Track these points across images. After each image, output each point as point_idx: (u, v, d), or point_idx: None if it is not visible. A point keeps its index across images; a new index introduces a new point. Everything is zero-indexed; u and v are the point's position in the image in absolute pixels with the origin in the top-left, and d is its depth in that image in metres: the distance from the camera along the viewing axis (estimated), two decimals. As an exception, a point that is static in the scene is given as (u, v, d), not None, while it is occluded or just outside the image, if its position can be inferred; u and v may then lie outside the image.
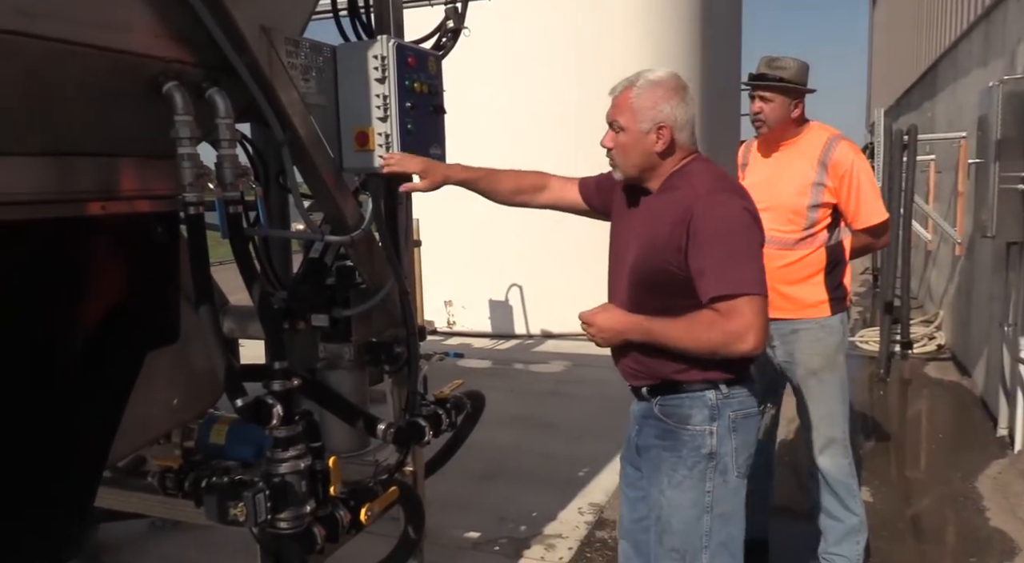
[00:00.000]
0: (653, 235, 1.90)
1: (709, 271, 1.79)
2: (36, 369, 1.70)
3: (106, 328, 1.88)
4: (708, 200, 1.83)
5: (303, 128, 1.99)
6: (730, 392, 1.90)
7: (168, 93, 1.66)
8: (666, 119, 1.89)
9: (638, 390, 2.03)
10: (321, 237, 2.21)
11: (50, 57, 1.44)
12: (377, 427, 2.30)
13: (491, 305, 7.64)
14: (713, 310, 1.79)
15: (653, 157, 1.93)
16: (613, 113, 1.95)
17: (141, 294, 1.94)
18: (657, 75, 1.92)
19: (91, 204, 1.76)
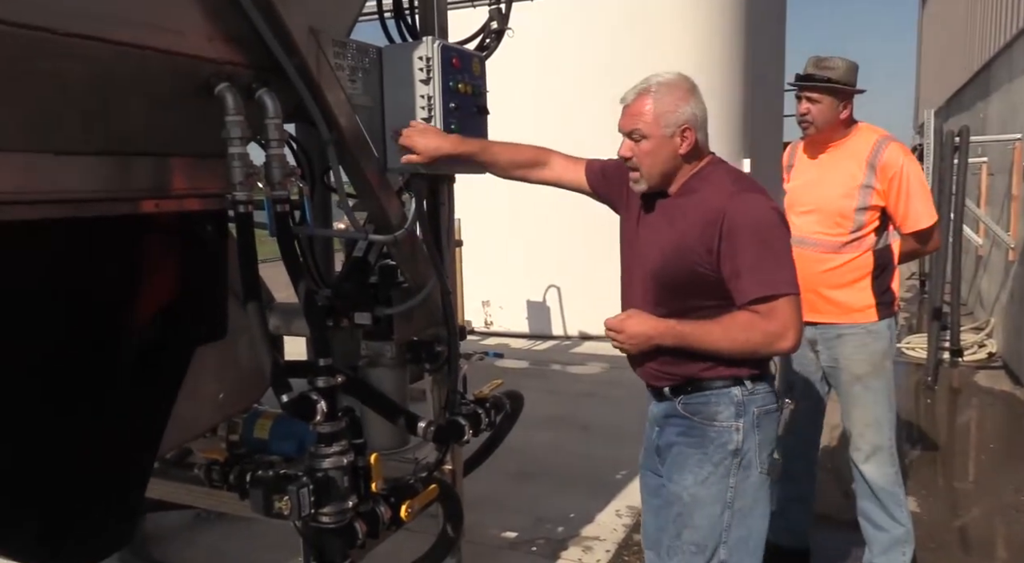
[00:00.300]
0: (680, 238, 1.89)
1: (746, 273, 1.80)
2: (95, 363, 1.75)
3: (158, 323, 1.94)
4: (739, 200, 1.83)
5: (349, 128, 2.02)
6: (754, 388, 1.92)
7: (220, 94, 1.71)
8: (689, 120, 1.89)
9: (659, 391, 2.03)
10: (365, 236, 2.23)
11: (112, 59, 1.49)
12: (417, 425, 2.32)
13: (529, 306, 7.65)
14: (750, 311, 1.80)
15: (678, 161, 1.92)
16: (630, 122, 1.91)
17: (191, 291, 2.00)
18: (668, 78, 1.91)
19: (145, 202, 1.82)
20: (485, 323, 7.90)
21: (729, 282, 1.82)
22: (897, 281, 2.84)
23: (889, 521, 2.85)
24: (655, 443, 2.08)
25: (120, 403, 1.83)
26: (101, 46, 1.44)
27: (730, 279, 1.82)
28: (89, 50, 1.43)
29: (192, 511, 3.33)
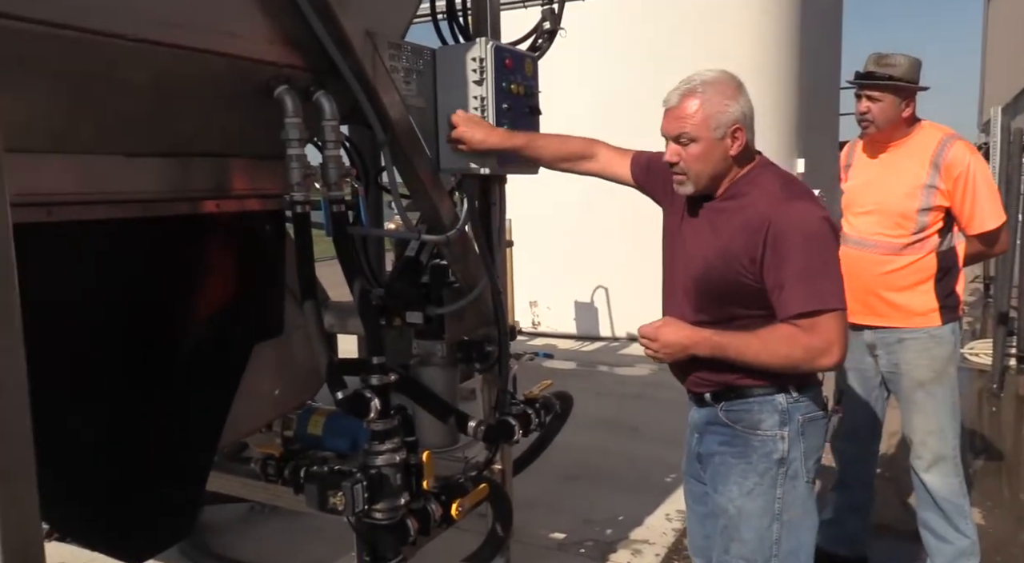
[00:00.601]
0: (725, 245, 1.82)
1: (790, 286, 1.72)
2: (157, 359, 1.81)
3: (218, 320, 2.00)
4: (786, 209, 1.75)
5: (403, 129, 2.05)
6: (799, 395, 1.85)
7: (279, 97, 1.75)
8: (739, 119, 1.80)
9: (700, 396, 1.97)
10: (418, 236, 2.26)
11: (178, 63, 1.54)
12: (468, 424, 2.34)
13: (576, 306, 7.62)
14: (792, 324, 1.73)
15: (728, 162, 1.83)
16: (677, 125, 1.81)
17: (250, 289, 2.05)
18: (713, 75, 1.82)
19: (207, 203, 1.88)
20: (532, 323, 7.90)
21: (772, 294, 1.76)
22: (962, 284, 2.75)
23: (953, 532, 2.76)
24: (696, 450, 2.03)
25: (182, 398, 1.89)
26: (168, 51, 1.50)
27: (773, 291, 1.75)
28: (157, 55, 1.48)
29: (246, 504, 3.42)
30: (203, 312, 1.93)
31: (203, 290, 1.94)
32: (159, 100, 1.61)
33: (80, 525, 1.66)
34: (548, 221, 7.19)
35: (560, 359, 6.77)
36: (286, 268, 2.16)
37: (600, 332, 7.58)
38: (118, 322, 1.70)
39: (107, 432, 1.68)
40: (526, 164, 2.34)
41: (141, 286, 1.77)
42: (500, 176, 2.48)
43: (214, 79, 1.66)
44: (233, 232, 1.97)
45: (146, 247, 1.76)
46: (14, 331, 1.09)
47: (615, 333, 7.52)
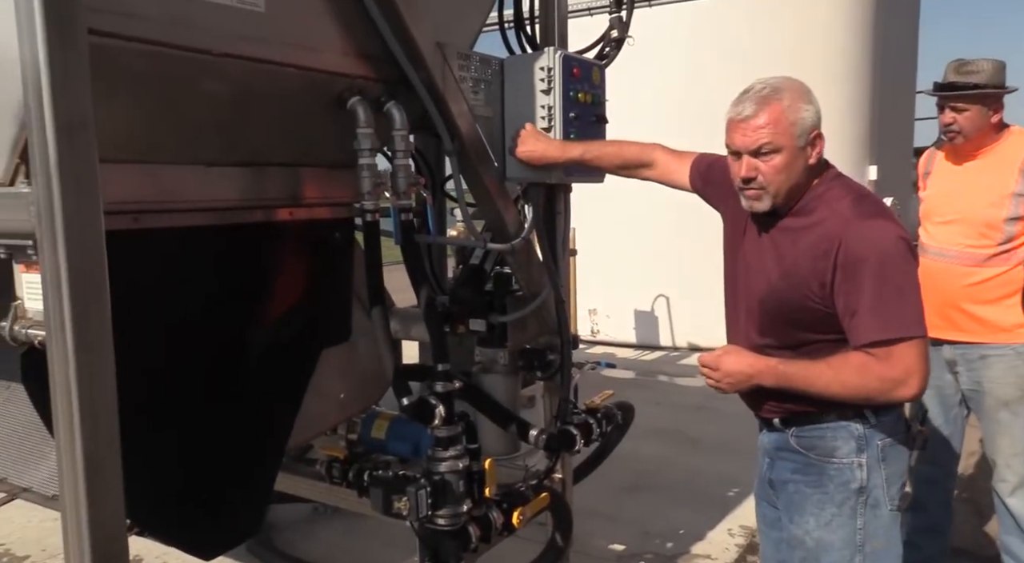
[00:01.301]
0: (792, 266, 1.73)
1: (863, 312, 1.62)
2: (231, 360, 1.88)
3: (288, 325, 2.05)
4: (857, 228, 1.64)
5: (470, 138, 2.07)
6: (878, 420, 1.75)
7: (352, 107, 1.80)
8: (816, 124, 1.70)
9: (768, 421, 1.89)
10: (483, 244, 2.28)
11: (257, 76, 1.60)
12: (529, 432, 2.34)
13: (636, 315, 7.55)
14: (866, 353, 1.63)
15: (807, 173, 1.72)
16: (755, 136, 1.68)
17: (319, 295, 2.10)
18: (781, 81, 1.71)
19: (280, 210, 1.93)
20: (592, 331, 7.86)
21: (843, 320, 1.65)
22: (1053, 299, 2.62)
23: (1037, 560, 2.64)
24: (767, 476, 1.95)
25: (253, 401, 1.95)
26: (248, 64, 1.55)
27: (844, 317, 1.65)
28: (238, 68, 1.54)
29: (310, 505, 3.49)
30: (274, 317, 1.99)
31: (275, 295, 1.99)
32: (238, 112, 1.66)
33: (157, 521, 1.73)
34: (611, 229, 7.15)
35: (620, 368, 6.72)
36: (354, 275, 2.20)
37: (660, 341, 7.49)
38: (195, 326, 1.77)
39: (183, 433, 1.75)
40: (591, 173, 2.34)
41: (216, 291, 1.83)
42: (565, 185, 2.48)
43: (291, 91, 1.71)
44: (304, 239, 2.01)
45: (222, 253, 1.83)
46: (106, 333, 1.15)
47: (675, 343, 7.42)
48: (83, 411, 1.12)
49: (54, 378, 1.12)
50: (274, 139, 1.83)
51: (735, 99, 1.74)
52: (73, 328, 1.10)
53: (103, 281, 1.14)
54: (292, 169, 1.93)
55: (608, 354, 7.26)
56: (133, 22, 1.33)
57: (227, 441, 1.83)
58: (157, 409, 1.64)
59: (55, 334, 1.11)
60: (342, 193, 2.03)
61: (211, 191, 1.72)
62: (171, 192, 1.64)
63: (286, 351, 2.01)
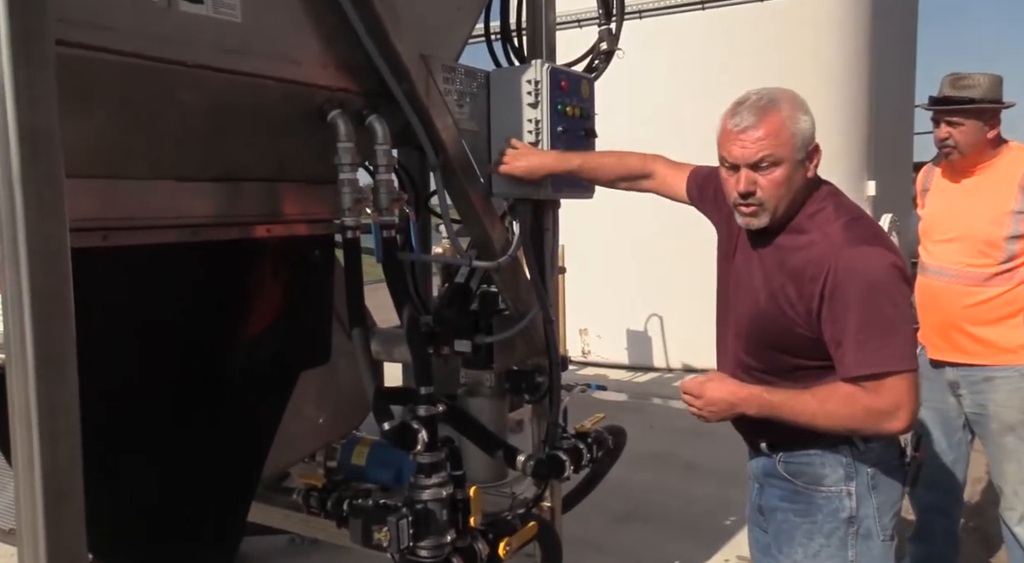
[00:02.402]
0: (779, 288, 1.71)
1: (850, 344, 1.61)
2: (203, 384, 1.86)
3: (265, 346, 2.04)
4: (847, 256, 1.62)
5: (455, 153, 2.08)
6: (867, 446, 1.74)
7: (333, 121, 1.80)
8: (813, 136, 1.69)
9: (755, 444, 1.89)
10: (469, 262, 2.28)
11: (233, 89, 1.60)
12: (517, 458, 2.33)
13: (628, 335, 7.55)
14: (855, 385, 1.62)
15: (805, 188, 1.71)
16: (755, 148, 1.65)
17: (297, 315, 2.09)
18: (776, 91, 1.70)
19: (257, 227, 1.93)
20: (582, 352, 7.85)
21: (830, 348, 1.64)
22: (1057, 319, 2.64)
23: (1047, 591, 2.64)
24: (757, 501, 1.95)
25: (227, 425, 1.93)
26: (225, 77, 1.55)
27: (830, 346, 1.64)
28: (214, 81, 1.54)
29: (286, 536, 3.45)
30: (250, 338, 1.98)
31: (251, 315, 1.99)
32: (213, 125, 1.66)
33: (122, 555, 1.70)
34: (602, 246, 7.16)
35: (611, 390, 6.71)
36: (334, 294, 2.20)
37: (653, 362, 7.48)
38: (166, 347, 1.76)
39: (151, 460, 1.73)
40: (581, 188, 2.35)
41: (190, 311, 1.82)
42: (554, 201, 2.49)
43: (268, 104, 1.71)
44: (282, 257, 2.01)
45: (196, 271, 1.82)
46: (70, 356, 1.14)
47: (669, 364, 7.41)
48: (43, 438, 1.10)
49: (13, 404, 1.10)
50: (251, 153, 1.83)
51: (729, 109, 1.71)
52: (35, 351, 1.09)
53: (68, 302, 1.13)
54: (270, 184, 1.93)
55: (599, 376, 7.24)
56: (103, 33, 1.33)
57: (199, 469, 1.80)
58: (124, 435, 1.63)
59: (15, 358, 1.09)
60: (322, 209, 2.03)
61: (185, 207, 1.71)
62: (143, 208, 1.63)
63: (262, 373, 2.00)
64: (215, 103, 1.61)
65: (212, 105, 1.61)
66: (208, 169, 1.76)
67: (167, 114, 1.55)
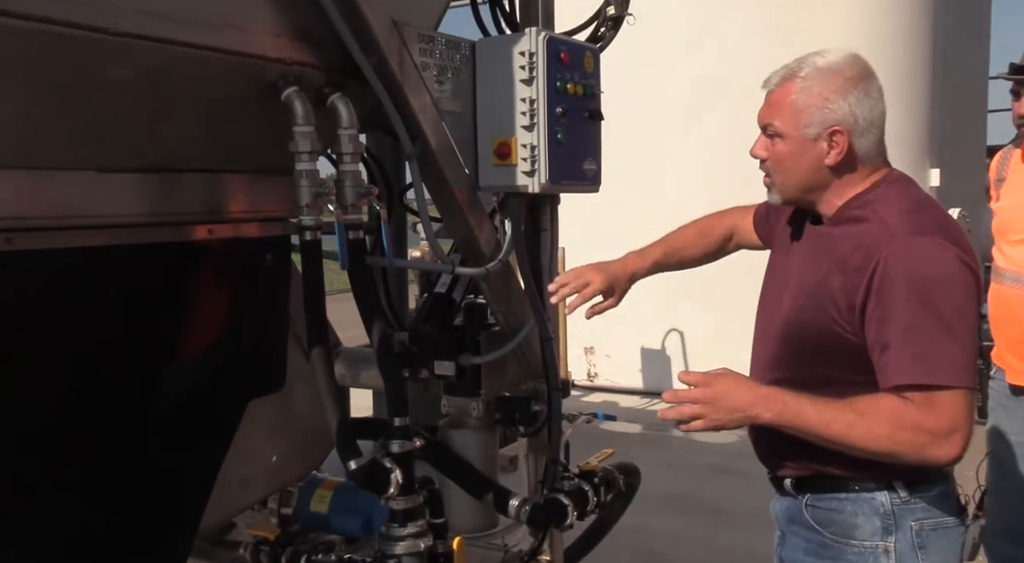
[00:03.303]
0: (819, 282, 1.74)
1: (897, 347, 1.60)
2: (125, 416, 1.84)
3: (205, 371, 2.02)
4: (904, 245, 1.64)
5: (435, 139, 2.08)
6: (911, 494, 1.73)
7: (288, 100, 1.79)
8: (841, 120, 1.73)
9: (779, 480, 1.88)
10: (451, 268, 2.27)
11: (168, 62, 1.59)
12: (509, 503, 2.32)
13: (643, 354, 7.56)
14: (900, 397, 1.61)
15: (823, 173, 1.77)
16: (767, 113, 1.81)
17: (246, 332, 2.08)
18: (830, 60, 1.76)
19: (197, 228, 1.91)
20: (588, 375, 7.85)
21: (872, 354, 1.65)
22: None
23: None
24: (779, 554, 1.94)
25: (158, 467, 1.91)
26: (155, 47, 1.54)
27: (874, 350, 1.64)
28: (142, 52, 1.53)
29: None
30: (188, 360, 1.96)
31: (189, 333, 1.97)
32: (144, 106, 1.65)
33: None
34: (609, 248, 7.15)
35: (623, 419, 6.70)
36: (290, 307, 2.19)
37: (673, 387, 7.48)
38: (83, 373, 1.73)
39: (64, 508, 1.70)
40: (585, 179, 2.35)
41: (114, 329, 1.80)
42: (552, 195, 2.48)
43: (211, 80, 1.70)
44: (228, 263, 2.00)
45: (122, 282, 1.80)
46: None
47: (692, 389, 7.42)
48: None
49: None
50: (190, 139, 1.82)
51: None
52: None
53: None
54: (212, 176, 1.92)
55: (608, 403, 7.24)
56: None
57: (123, 519, 1.78)
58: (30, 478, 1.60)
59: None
60: (275, 206, 2.02)
61: (108, 204, 1.70)
62: (57, 205, 1.62)
63: (203, 403, 1.99)
64: (146, 79, 1.59)
65: (142, 81, 1.59)
66: (136, 158, 1.75)
67: (85, 92, 1.53)
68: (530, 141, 2.20)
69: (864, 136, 1.75)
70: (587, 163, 2.36)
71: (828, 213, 1.82)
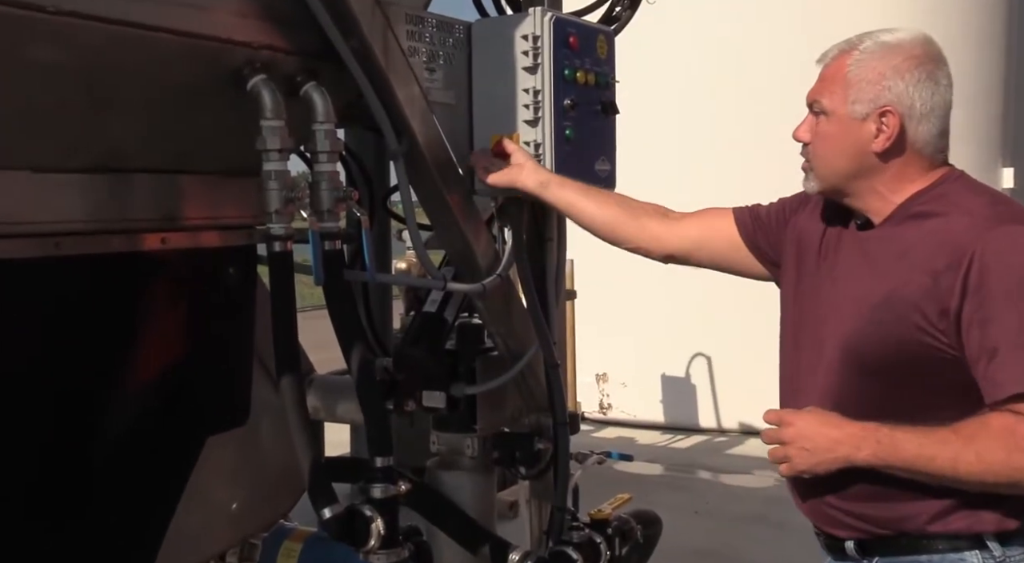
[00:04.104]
0: (891, 291, 1.74)
1: (1009, 352, 1.61)
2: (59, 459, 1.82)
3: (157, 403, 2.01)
4: (1002, 235, 1.67)
5: (424, 134, 2.08)
6: (1007, 552, 1.72)
7: (254, 90, 1.78)
8: (895, 101, 1.75)
9: (837, 542, 1.87)
10: (443, 284, 2.27)
11: (115, 45, 1.58)
12: (509, 556, 2.32)
13: (664, 383, 7.56)
14: (1012, 412, 1.61)
15: (868, 160, 1.80)
16: (816, 90, 1.86)
17: (204, 358, 2.07)
18: (897, 36, 1.80)
19: (148, 236, 1.91)
20: (600, 406, 7.86)
21: (976, 365, 1.65)
22: None
23: None
24: None
25: (101, 513, 1.90)
26: (102, 28, 1.54)
27: (979, 360, 1.64)
28: (87, 34, 1.53)
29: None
30: (136, 391, 1.95)
31: (138, 360, 1.96)
32: (88, 96, 1.64)
33: None
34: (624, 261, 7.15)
35: (642, 459, 6.69)
36: (256, 328, 2.18)
37: (699, 421, 7.50)
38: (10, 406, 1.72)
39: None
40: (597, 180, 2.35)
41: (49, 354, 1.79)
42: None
43: (165, 67, 1.69)
44: (183, 278, 1.99)
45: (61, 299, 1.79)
46: None
47: (722, 423, 7.43)
48: None
49: None
50: (139, 135, 1.82)
51: None
52: None
53: None
54: (166, 177, 1.92)
55: (624, 440, 7.24)
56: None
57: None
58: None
59: None
60: (239, 211, 2.03)
61: (44, 209, 1.69)
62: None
63: (151, 442, 1.98)
64: (89, 65, 1.59)
65: (85, 68, 1.59)
66: (78, 156, 1.75)
67: (19, 79, 1.52)
68: (534, 138, 2.22)
69: (922, 124, 1.77)
70: (600, 163, 2.37)
71: (879, 211, 1.83)
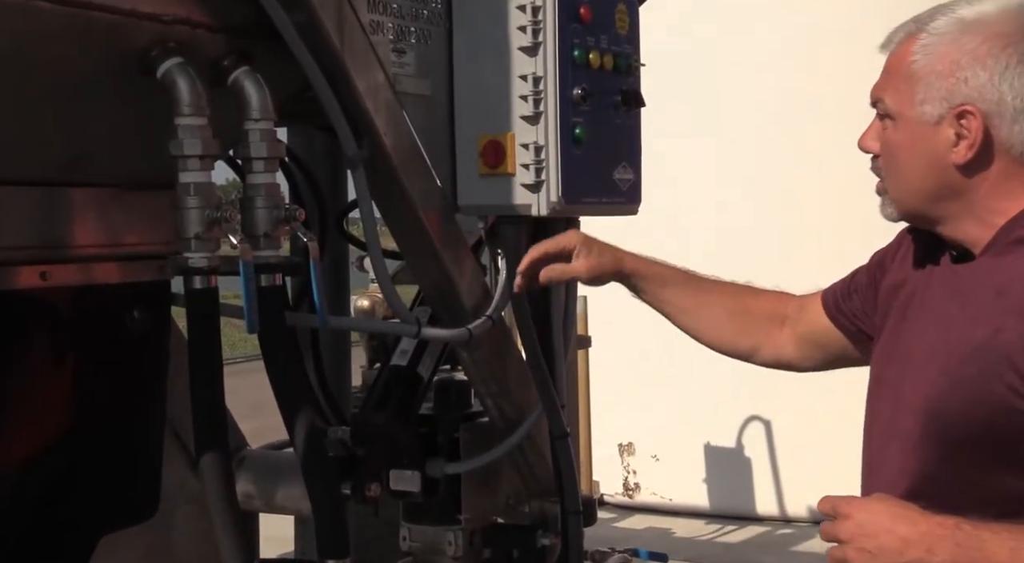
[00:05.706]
0: (981, 341, 1.77)
1: None
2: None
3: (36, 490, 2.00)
4: None
5: (391, 135, 2.09)
6: None
7: (167, 78, 1.79)
8: (975, 97, 1.75)
9: None
10: (416, 330, 2.27)
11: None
12: None
13: (707, 455, 7.56)
14: None
15: (950, 175, 1.80)
16: (879, 85, 1.88)
17: (100, 430, 2.06)
18: (979, 10, 1.79)
19: (22, 270, 1.90)
20: (625, 486, 7.85)
21: None
22: None
23: None
24: None
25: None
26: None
27: None
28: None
29: None
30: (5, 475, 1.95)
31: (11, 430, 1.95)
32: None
33: None
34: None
35: (678, 560, 6.68)
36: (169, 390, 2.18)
37: (756, 507, 7.49)
38: None
39: None
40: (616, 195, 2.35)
41: None
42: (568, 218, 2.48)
43: (40, 45, 1.70)
44: (73, 324, 1.99)
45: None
46: None
47: (786, 510, 7.42)
48: None
49: None
50: (17, 136, 1.82)
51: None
52: None
53: None
54: (48, 192, 1.92)
55: (657, 531, 7.24)
56: None
57: None
58: None
59: None
60: (146, 237, 2.03)
61: None
62: None
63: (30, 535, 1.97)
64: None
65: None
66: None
67: None
68: (534, 139, 2.22)
69: (1017, 123, 1.76)
70: (620, 171, 2.39)
71: (977, 239, 1.84)
